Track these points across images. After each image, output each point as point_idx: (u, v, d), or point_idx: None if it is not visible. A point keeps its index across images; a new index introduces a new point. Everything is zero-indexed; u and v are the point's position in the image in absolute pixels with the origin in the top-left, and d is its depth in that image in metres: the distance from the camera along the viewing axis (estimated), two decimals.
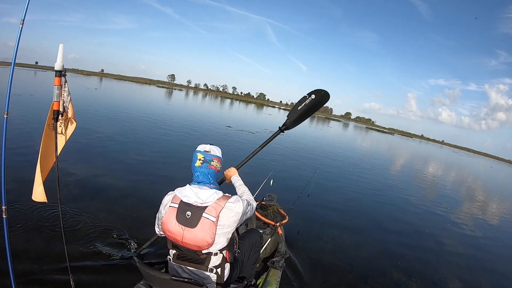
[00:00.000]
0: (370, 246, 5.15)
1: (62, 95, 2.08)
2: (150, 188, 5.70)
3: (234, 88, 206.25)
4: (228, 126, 17.93)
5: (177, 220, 1.82)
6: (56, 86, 2.04)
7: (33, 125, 9.09)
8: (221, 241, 1.86)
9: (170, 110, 24.76)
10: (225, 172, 2.48)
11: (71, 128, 2.20)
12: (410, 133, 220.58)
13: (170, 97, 47.28)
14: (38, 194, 2.11)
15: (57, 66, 2.01)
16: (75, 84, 34.24)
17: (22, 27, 1.89)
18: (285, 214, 4.06)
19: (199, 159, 1.93)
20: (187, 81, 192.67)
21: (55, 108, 2.08)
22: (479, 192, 16.48)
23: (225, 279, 1.96)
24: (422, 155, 38.13)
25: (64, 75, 2.06)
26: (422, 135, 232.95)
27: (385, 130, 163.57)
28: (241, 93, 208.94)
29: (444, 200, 10.98)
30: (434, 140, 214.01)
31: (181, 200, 1.85)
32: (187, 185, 1.93)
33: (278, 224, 3.63)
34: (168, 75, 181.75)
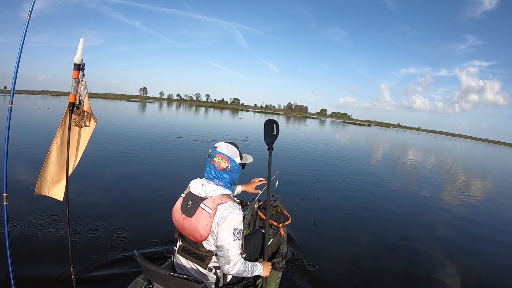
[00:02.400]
0: (376, 249, 4.90)
1: (79, 88, 2.07)
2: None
3: (208, 96, 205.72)
4: (179, 137, 14.90)
5: (180, 209, 1.87)
6: (73, 79, 2.10)
7: None
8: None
9: (119, 122, 21.21)
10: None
11: (92, 125, 2.23)
12: (387, 123, 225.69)
13: (133, 110, 43.06)
14: (38, 186, 2.14)
15: (76, 60, 2.04)
16: (28, 103, 31.97)
17: (29, 19, 1.98)
18: (289, 216, 4.01)
19: (208, 153, 1.98)
20: (160, 93, 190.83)
21: (71, 100, 2.11)
22: (488, 176, 17.07)
23: (227, 281, 1.94)
24: (409, 144, 38.84)
25: (83, 69, 2.09)
26: (398, 124, 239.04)
27: (362, 123, 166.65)
28: (215, 100, 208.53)
29: (453, 188, 11.20)
30: (410, 128, 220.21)
31: (189, 190, 1.91)
32: (203, 177, 1.97)
33: (280, 225, 3.62)
34: (140, 89, 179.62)
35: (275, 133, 3.03)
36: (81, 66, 2.05)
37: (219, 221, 1.76)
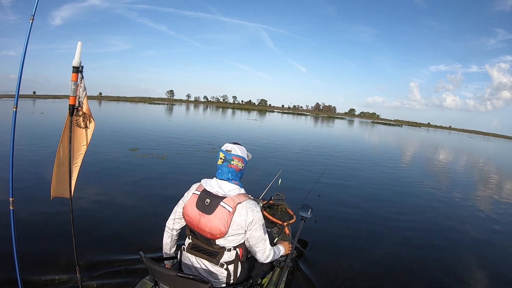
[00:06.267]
0: (384, 245, 4.87)
1: (78, 91, 2.10)
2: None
3: (235, 97, 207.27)
4: (132, 149, 11.06)
5: (196, 206, 1.93)
6: (73, 82, 2.14)
7: None
8: (236, 239, 1.93)
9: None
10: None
11: (92, 126, 2.29)
12: (417, 123, 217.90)
13: (134, 113, 38.90)
14: (53, 189, 2.24)
15: (75, 63, 2.07)
16: (27, 108, 29.54)
17: (32, 23, 1.98)
18: (293, 214, 4.05)
19: (220, 158, 2.02)
20: (187, 95, 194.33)
21: (70, 102, 2.15)
22: None
23: (237, 277, 2.01)
24: (448, 145, 37.08)
25: (81, 71, 2.12)
26: (428, 123, 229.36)
27: (392, 123, 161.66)
28: (242, 101, 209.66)
29: None
30: (441, 127, 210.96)
31: (204, 188, 1.97)
32: (214, 177, 2.04)
33: (285, 223, 3.64)
34: (167, 91, 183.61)
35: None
36: (80, 69, 2.09)
37: (247, 222, 1.90)
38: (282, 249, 2.39)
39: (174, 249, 2.26)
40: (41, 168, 7.40)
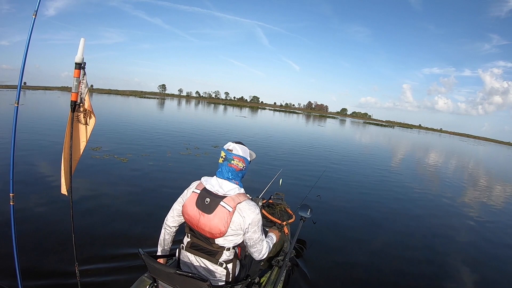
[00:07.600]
0: (380, 246, 4.98)
1: (80, 87, 2.10)
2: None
3: (227, 94, 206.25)
4: (94, 148, 9.43)
5: (196, 205, 1.92)
6: (75, 78, 2.10)
7: None
8: (235, 239, 1.93)
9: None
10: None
11: (92, 122, 2.28)
12: (408, 124, 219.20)
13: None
14: (61, 186, 2.21)
15: (77, 59, 2.05)
16: (9, 99, 27.42)
17: (35, 18, 1.97)
18: (292, 214, 4.08)
19: (221, 157, 2.02)
20: (179, 90, 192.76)
21: (72, 99, 2.14)
22: None
23: (235, 276, 2.01)
24: (444, 148, 37.21)
25: (83, 68, 2.10)
26: (419, 125, 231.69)
27: (384, 123, 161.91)
28: (234, 97, 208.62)
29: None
30: (432, 129, 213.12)
31: (204, 187, 1.96)
32: (214, 176, 2.02)
33: (284, 223, 3.65)
34: (159, 86, 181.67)
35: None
36: (82, 65, 2.08)
37: (246, 223, 1.89)
38: (274, 238, 2.42)
39: (170, 245, 2.26)
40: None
